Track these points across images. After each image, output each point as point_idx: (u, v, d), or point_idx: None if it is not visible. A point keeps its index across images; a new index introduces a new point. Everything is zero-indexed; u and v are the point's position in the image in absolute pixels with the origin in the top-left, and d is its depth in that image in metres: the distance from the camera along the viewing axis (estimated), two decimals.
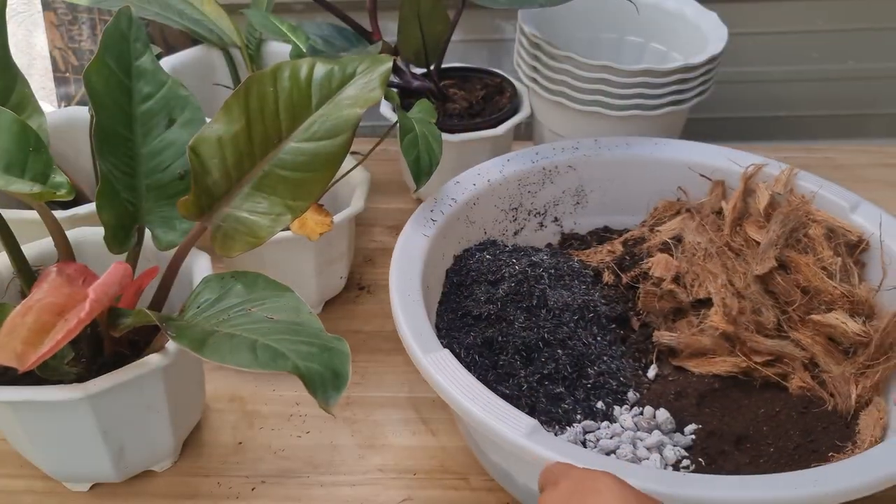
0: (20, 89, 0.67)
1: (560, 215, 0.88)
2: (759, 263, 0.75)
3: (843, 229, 0.78)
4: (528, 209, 0.85)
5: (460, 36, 1.20)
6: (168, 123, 0.64)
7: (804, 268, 0.74)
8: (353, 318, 0.86)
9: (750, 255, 0.77)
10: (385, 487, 0.69)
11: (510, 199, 0.84)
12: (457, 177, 0.81)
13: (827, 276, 0.74)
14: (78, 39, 1.19)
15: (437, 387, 0.61)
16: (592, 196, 0.88)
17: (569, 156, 0.85)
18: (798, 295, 0.74)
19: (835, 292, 0.73)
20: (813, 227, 0.77)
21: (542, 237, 0.87)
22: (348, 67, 0.56)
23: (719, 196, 0.84)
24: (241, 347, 0.51)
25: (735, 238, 0.79)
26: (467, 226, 0.81)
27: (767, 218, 0.79)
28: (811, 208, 0.79)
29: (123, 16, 0.63)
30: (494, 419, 0.58)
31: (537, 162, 0.84)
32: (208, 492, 0.69)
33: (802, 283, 0.74)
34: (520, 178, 0.83)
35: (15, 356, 0.49)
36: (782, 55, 1.23)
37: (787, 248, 0.76)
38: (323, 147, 0.56)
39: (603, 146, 0.87)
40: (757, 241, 0.78)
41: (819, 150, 1.12)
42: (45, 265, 0.62)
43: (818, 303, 0.74)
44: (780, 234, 0.76)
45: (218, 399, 0.77)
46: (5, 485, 0.69)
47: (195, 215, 0.59)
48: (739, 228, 0.80)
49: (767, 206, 0.80)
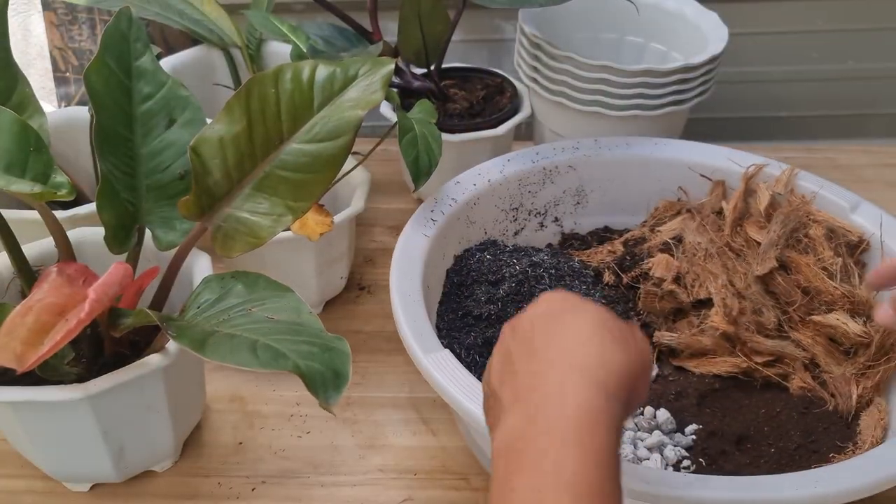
0: (21, 89, 0.67)
1: (560, 215, 0.88)
2: (760, 264, 0.75)
3: (843, 229, 0.78)
4: (528, 209, 0.85)
5: (460, 36, 1.19)
6: (168, 124, 0.63)
7: (805, 268, 0.74)
8: (353, 319, 0.86)
9: (751, 256, 0.77)
10: (386, 488, 0.69)
11: (510, 199, 0.84)
12: (457, 177, 0.81)
13: (828, 277, 0.74)
14: (78, 39, 1.19)
15: (438, 387, 0.61)
16: (593, 196, 0.88)
17: (569, 156, 0.85)
18: (798, 295, 0.74)
19: (835, 293, 0.73)
20: (813, 228, 0.77)
21: (543, 237, 0.87)
22: (350, 70, 0.57)
23: (720, 196, 0.84)
24: (242, 347, 0.51)
25: (736, 238, 0.79)
26: (467, 226, 0.81)
27: (768, 218, 0.79)
28: (811, 209, 0.79)
29: (123, 16, 0.63)
30: None
31: (538, 162, 0.84)
32: (209, 492, 0.69)
33: (803, 283, 0.74)
34: (520, 178, 0.83)
35: (14, 357, 0.49)
36: (783, 55, 1.23)
37: (788, 248, 0.76)
38: (324, 148, 0.56)
39: (603, 146, 0.87)
40: (757, 242, 0.78)
41: (820, 151, 1.12)
42: (46, 265, 0.62)
43: (819, 303, 0.74)
44: (781, 234, 0.76)
45: (218, 399, 0.77)
46: (6, 485, 0.69)
47: (196, 216, 0.59)
48: (740, 228, 0.80)
49: (768, 206, 0.80)
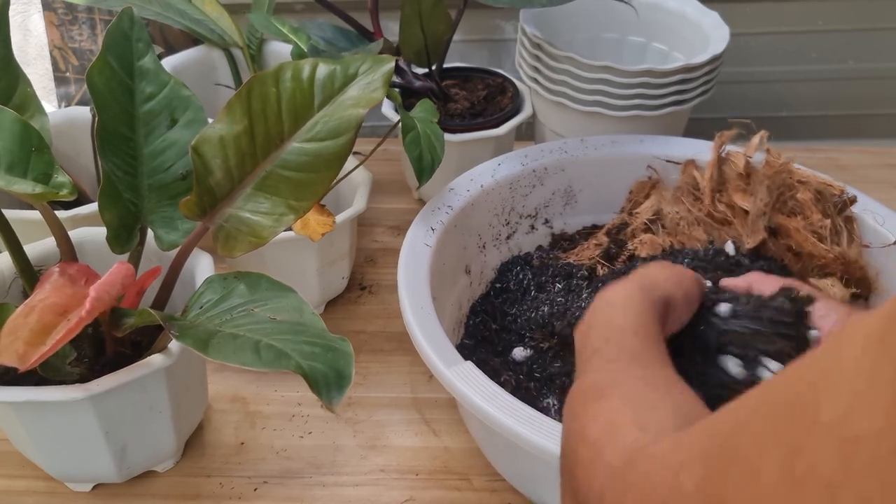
0: (22, 89, 0.67)
1: (550, 217, 0.87)
2: (750, 236, 0.73)
3: (825, 185, 0.76)
4: (519, 213, 0.85)
5: (461, 36, 1.20)
6: (170, 123, 0.63)
7: (794, 233, 0.73)
8: (354, 319, 0.86)
9: (739, 224, 0.75)
10: (387, 488, 0.69)
11: (503, 203, 0.83)
12: (451, 183, 0.80)
13: (818, 241, 0.72)
14: (78, 39, 1.19)
15: (464, 399, 0.59)
16: (582, 195, 0.87)
17: (557, 157, 0.85)
18: (790, 259, 0.73)
19: (828, 256, 0.72)
20: (801, 191, 0.75)
21: (534, 240, 0.87)
22: (350, 68, 0.56)
23: (691, 174, 0.82)
24: (245, 347, 0.51)
25: (718, 208, 0.77)
26: (464, 232, 0.80)
27: (748, 180, 0.77)
28: (792, 167, 0.77)
29: (126, 16, 0.63)
30: (530, 430, 0.56)
31: (527, 165, 0.83)
32: (210, 492, 0.69)
33: (795, 248, 0.73)
34: (511, 181, 0.83)
35: (17, 356, 0.49)
36: (783, 55, 1.23)
37: (775, 211, 0.75)
38: (325, 147, 0.56)
39: (590, 145, 0.86)
40: (744, 210, 0.75)
41: (822, 151, 1.12)
42: (48, 265, 0.62)
43: (812, 267, 0.73)
44: (768, 202, 0.74)
45: (220, 399, 0.77)
46: (7, 485, 0.69)
47: (197, 215, 0.59)
48: (721, 195, 0.78)
49: (745, 167, 0.77)
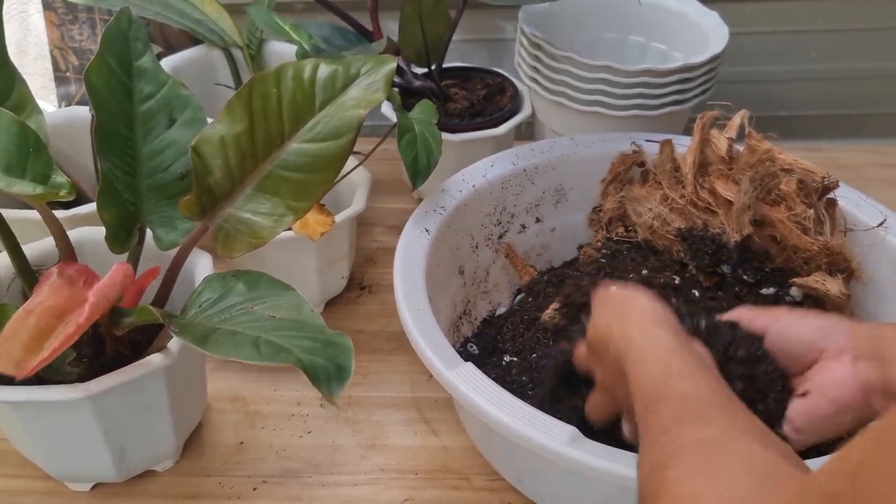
0: (19, 89, 0.67)
1: (542, 216, 0.87)
2: (736, 230, 0.73)
3: (806, 171, 0.75)
4: (511, 212, 0.84)
5: (461, 36, 1.19)
6: (169, 123, 0.63)
7: (779, 224, 0.73)
8: (354, 318, 0.86)
9: (723, 215, 0.75)
10: (387, 487, 0.69)
11: (495, 202, 0.83)
12: (443, 184, 0.80)
13: (802, 232, 0.72)
14: (78, 39, 1.18)
15: (467, 400, 0.59)
16: (572, 194, 0.87)
17: (547, 156, 0.85)
18: (775, 249, 0.73)
19: (812, 248, 0.72)
20: (784, 182, 0.75)
21: (525, 239, 0.86)
22: (352, 68, 0.56)
23: (670, 154, 0.81)
24: (245, 342, 0.51)
25: (700, 195, 0.77)
26: (457, 233, 0.79)
27: (731, 164, 0.77)
28: (775, 154, 0.77)
29: (124, 16, 0.63)
30: (533, 430, 0.56)
31: (517, 164, 0.83)
32: (210, 492, 0.69)
33: (779, 239, 0.74)
34: (503, 181, 0.83)
35: (13, 363, 0.49)
36: (783, 55, 1.23)
37: (759, 202, 0.74)
38: (326, 148, 0.56)
39: (579, 144, 0.86)
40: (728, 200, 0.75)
41: (822, 150, 1.12)
42: (47, 265, 0.62)
43: (797, 259, 0.73)
44: (753, 195, 0.74)
45: (219, 399, 0.77)
46: (6, 485, 0.69)
47: (197, 215, 0.59)
48: (703, 180, 0.78)
49: (727, 150, 0.77)
